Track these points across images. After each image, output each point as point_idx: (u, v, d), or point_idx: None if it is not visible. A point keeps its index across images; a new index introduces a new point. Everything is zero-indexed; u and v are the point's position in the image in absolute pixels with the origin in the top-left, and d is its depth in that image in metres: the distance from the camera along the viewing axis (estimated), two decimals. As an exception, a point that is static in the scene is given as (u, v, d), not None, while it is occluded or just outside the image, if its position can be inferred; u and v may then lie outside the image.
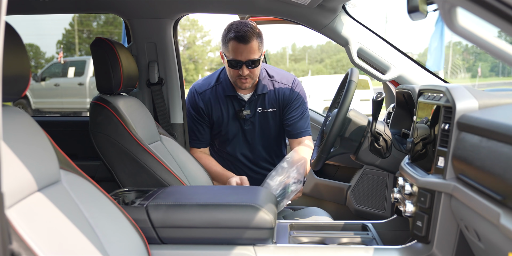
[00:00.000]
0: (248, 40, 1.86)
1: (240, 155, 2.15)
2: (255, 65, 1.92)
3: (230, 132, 2.11)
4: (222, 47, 1.96)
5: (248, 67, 1.91)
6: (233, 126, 2.10)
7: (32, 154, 0.93)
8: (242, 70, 1.91)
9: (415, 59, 1.94)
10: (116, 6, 2.05)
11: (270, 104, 2.08)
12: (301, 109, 2.11)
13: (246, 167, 2.17)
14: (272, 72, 2.11)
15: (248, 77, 1.94)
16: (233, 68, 1.93)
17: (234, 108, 2.08)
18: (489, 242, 0.94)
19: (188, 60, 33.23)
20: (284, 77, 2.11)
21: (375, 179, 2.22)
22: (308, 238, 1.49)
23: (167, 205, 1.30)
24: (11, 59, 0.87)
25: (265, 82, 2.07)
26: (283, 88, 2.09)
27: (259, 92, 2.05)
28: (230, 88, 2.06)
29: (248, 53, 1.88)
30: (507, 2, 0.72)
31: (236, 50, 1.87)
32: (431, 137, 1.25)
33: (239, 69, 1.91)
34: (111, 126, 1.66)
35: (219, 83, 2.10)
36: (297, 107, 2.10)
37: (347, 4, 1.93)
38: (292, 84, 2.10)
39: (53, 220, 0.90)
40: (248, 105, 2.07)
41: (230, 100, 2.08)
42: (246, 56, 1.88)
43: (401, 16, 70.20)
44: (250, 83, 1.98)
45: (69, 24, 26.55)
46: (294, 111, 2.09)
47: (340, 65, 43.68)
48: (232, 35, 1.87)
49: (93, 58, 1.72)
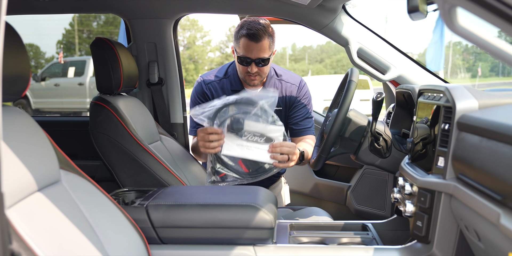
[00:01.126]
0: (259, 39, 1.86)
1: None
2: (264, 64, 1.93)
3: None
4: (234, 42, 1.98)
5: (257, 65, 1.92)
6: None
7: (32, 154, 0.93)
8: (251, 68, 1.92)
9: (415, 59, 1.94)
10: (116, 6, 2.05)
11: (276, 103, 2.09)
12: (306, 110, 2.12)
13: None
14: (280, 72, 2.13)
15: (257, 74, 1.95)
16: (243, 65, 1.94)
17: None
18: (489, 242, 0.94)
19: (188, 60, 33.24)
20: (291, 77, 2.13)
21: (375, 179, 2.22)
22: (308, 238, 1.49)
23: (167, 205, 1.30)
24: (11, 59, 0.87)
25: (273, 80, 2.08)
26: (290, 87, 2.09)
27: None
28: (238, 83, 2.07)
29: (258, 52, 1.89)
30: (507, 2, 0.72)
31: (247, 48, 1.88)
32: (431, 137, 1.25)
33: (248, 66, 1.93)
34: (111, 126, 1.66)
35: (227, 77, 2.11)
36: (302, 107, 2.11)
37: (347, 4, 1.93)
38: (299, 84, 2.11)
39: (53, 220, 0.90)
40: None
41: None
42: (256, 54, 1.89)
43: (401, 16, 70.24)
44: (259, 80, 1.98)
45: (69, 24, 26.57)
46: (299, 111, 2.10)
47: (340, 65, 43.69)
48: (244, 32, 1.88)
49: (93, 58, 1.72)
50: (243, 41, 1.88)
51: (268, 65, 1.96)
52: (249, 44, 1.87)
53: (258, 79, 1.97)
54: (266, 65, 1.94)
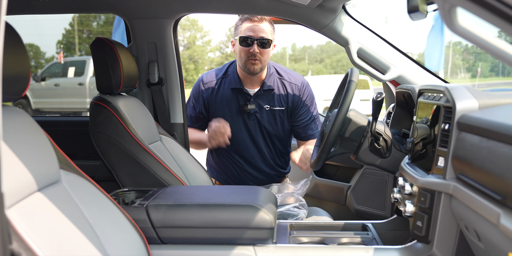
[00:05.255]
0: (262, 20, 1.98)
1: (242, 152, 2.13)
2: (265, 45, 1.97)
3: (232, 127, 2.09)
4: (234, 33, 2.05)
5: (259, 46, 1.95)
6: (236, 121, 2.09)
7: (32, 154, 0.93)
8: (253, 48, 1.95)
9: (415, 59, 1.94)
10: (116, 6, 2.05)
11: (279, 102, 2.09)
12: (311, 111, 2.13)
13: (249, 164, 2.15)
14: (281, 71, 2.14)
15: (258, 58, 1.97)
16: (245, 46, 1.97)
17: (238, 103, 2.08)
18: (489, 242, 0.94)
19: (188, 60, 33.23)
20: (293, 76, 2.14)
21: (375, 179, 2.22)
22: (308, 238, 1.49)
23: (167, 205, 1.30)
24: (11, 59, 0.87)
25: (273, 78, 2.08)
26: (293, 87, 2.10)
27: (266, 88, 2.06)
28: (237, 81, 2.07)
29: (260, 31, 1.96)
30: (507, 2, 0.72)
31: (250, 28, 1.97)
32: (431, 137, 1.25)
33: (250, 47, 1.96)
34: (111, 126, 1.66)
35: (227, 76, 2.12)
36: (307, 110, 2.12)
37: (347, 4, 1.93)
38: (301, 84, 2.12)
39: (53, 220, 0.90)
40: (253, 99, 2.07)
41: (235, 94, 2.09)
42: (258, 33, 1.96)
43: (401, 16, 70.18)
44: (259, 66, 2.00)
45: (69, 24, 26.58)
46: (304, 114, 2.11)
47: (340, 65, 43.68)
48: (246, 16, 2.00)
49: (93, 58, 1.72)
50: (246, 23, 1.98)
51: (269, 49, 2.00)
52: (252, 25, 1.97)
53: (258, 64, 1.99)
54: (267, 49, 1.98)
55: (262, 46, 1.95)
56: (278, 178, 2.21)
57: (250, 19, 1.97)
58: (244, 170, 2.15)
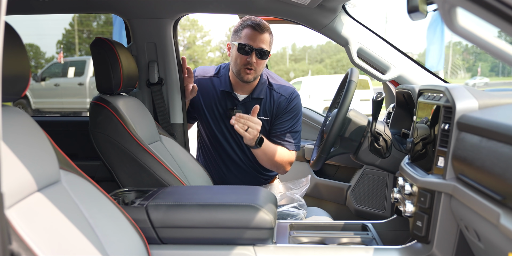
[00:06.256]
0: (263, 30, 1.93)
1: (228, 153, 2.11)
2: (263, 57, 1.94)
3: (217, 128, 2.07)
4: (233, 37, 2.00)
5: (257, 56, 1.93)
6: (221, 123, 2.08)
7: (32, 154, 0.92)
8: (251, 57, 1.92)
9: (415, 59, 1.94)
10: (116, 6, 2.05)
11: (264, 112, 2.05)
12: (292, 122, 2.05)
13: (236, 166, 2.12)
14: (273, 81, 2.10)
15: (254, 68, 1.94)
16: (243, 54, 1.94)
17: (226, 106, 2.07)
18: (489, 242, 0.94)
19: (188, 60, 33.16)
20: (283, 87, 2.09)
21: (375, 179, 2.22)
22: (308, 238, 1.49)
23: (167, 205, 1.30)
24: (11, 59, 0.87)
25: (263, 87, 2.05)
26: (280, 98, 2.05)
27: (255, 96, 2.03)
28: (228, 85, 2.06)
29: (260, 41, 1.93)
30: (507, 2, 0.72)
31: (250, 36, 1.93)
32: (431, 137, 1.25)
33: (248, 55, 1.93)
34: (111, 126, 1.66)
35: (219, 76, 2.10)
36: (288, 119, 2.04)
37: (347, 4, 1.93)
38: (289, 95, 2.06)
39: (53, 220, 0.90)
40: (241, 105, 2.05)
41: (224, 97, 2.07)
42: (259, 44, 1.93)
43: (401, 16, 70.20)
44: (253, 75, 1.97)
45: (69, 24, 26.56)
46: (284, 123, 2.04)
47: (340, 65, 43.67)
48: (249, 22, 1.94)
49: (93, 58, 1.72)
50: (247, 30, 1.93)
51: (265, 60, 1.97)
52: (253, 33, 1.92)
53: (252, 74, 1.96)
54: (264, 60, 1.96)
55: (260, 56, 1.92)
56: (264, 180, 2.19)
57: (253, 27, 1.92)
58: (230, 171, 2.13)
